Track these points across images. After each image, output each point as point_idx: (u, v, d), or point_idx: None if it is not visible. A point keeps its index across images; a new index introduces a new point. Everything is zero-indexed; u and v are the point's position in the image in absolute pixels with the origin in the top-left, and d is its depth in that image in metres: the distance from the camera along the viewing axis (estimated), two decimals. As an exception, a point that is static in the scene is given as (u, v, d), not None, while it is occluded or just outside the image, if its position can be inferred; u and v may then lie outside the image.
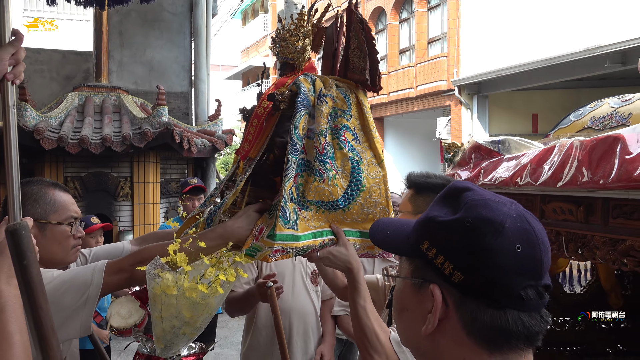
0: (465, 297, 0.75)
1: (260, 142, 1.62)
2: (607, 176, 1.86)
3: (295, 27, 1.67)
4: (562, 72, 11.23)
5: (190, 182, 4.24)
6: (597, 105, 2.50)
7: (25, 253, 0.82)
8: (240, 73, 30.01)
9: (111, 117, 6.57)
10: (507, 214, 0.75)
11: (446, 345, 0.77)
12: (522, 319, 0.74)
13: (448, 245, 0.76)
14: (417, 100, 15.89)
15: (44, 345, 0.82)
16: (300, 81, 1.57)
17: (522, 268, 0.73)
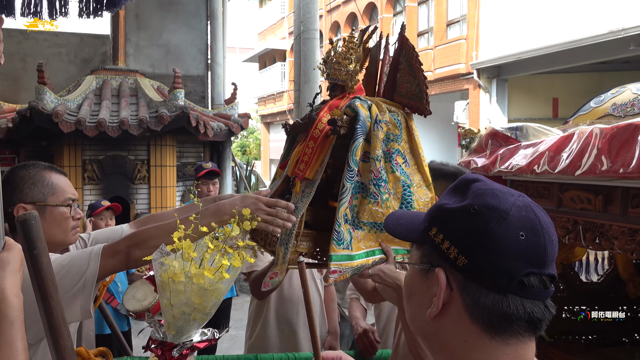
0: (469, 281, 0.77)
1: (316, 163, 1.68)
2: (627, 165, 1.82)
3: (347, 50, 1.73)
4: (584, 55, 10.97)
5: (205, 166, 4.23)
6: (619, 91, 2.43)
7: (36, 243, 0.82)
8: (257, 56, 29.90)
9: (128, 100, 6.61)
10: (512, 203, 0.77)
11: (450, 328, 0.79)
12: (523, 305, 0.75)
13: (454, 231, 0.79)
14: (435, 84, 15.68)
15: (55, 334, 0.83)
16: (357, 107, 1.64)
17: (525, 255, 0.75)
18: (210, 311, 1.45)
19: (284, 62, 26.61)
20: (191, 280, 1.39)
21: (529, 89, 13.93)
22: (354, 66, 1.72)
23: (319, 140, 1.68)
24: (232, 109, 7.33)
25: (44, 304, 0.83)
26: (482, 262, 0.75)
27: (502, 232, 0.75)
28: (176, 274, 1.39)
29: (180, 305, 1.41)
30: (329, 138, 1.67)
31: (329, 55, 1.78)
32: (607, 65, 12.68)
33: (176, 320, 1.43)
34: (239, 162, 9.18)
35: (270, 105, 28.60)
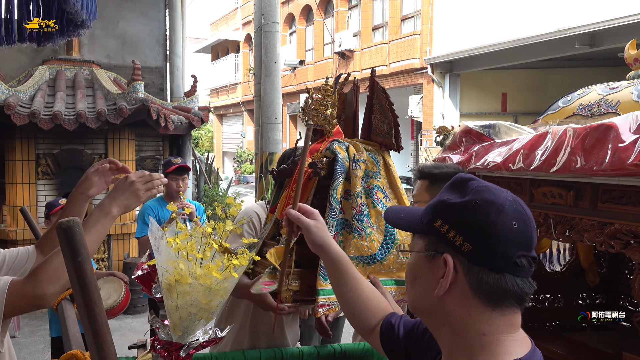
0: (472, 264, 0.91)
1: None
2: (600, 163, 1.94)
3: (323, 97, 1.85)
4: (532, 52, 11.42)
5: (174, 161, 4.14)
6: (585, 92, 2.58)
7: (80, 249, 0.82)
8: (209, 46, 29.41)
9: (84, 92, 6.39)
10: (505, 198, 0.92)
11: (455, 304, 0.93)
12: (516, 282, 0.90)
13: (459, 222, 0.92)
14: (390, 78, 15.94)
15: (99, 340, 0.83)
16: (335, 148, 1.78)
17: (518, 241, 0.90)
18: (216, 310, 1.47)
19: (237, 53, 26.30)
20: (198, 280, 1.40)
21: (480, 84, 14.38)
22: (331, 111, 1.84)
23: (302, 183, 1.74)
24: (192, 101, 7.21)
25: (88, 311, 0.83)
26: (484, 248, 0.90)
27: (501, 222, 0.89)
28: (183, 276, 1.39)
29: (187, 306, 1.41)
30: (312, 180, 1.78)
31: (307, 103, 1.91)
32: (553, 63, 13.25)
33: (183, 321, 1.43)
34: (198, 156, 9.06)
35: (223, 97, 28.23)
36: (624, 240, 2.01)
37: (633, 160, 1.81)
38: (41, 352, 5.04)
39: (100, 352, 0.84)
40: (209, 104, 28.88)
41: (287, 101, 20.28)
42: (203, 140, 29.74)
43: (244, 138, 26.30)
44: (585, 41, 10.08)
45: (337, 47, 17.72)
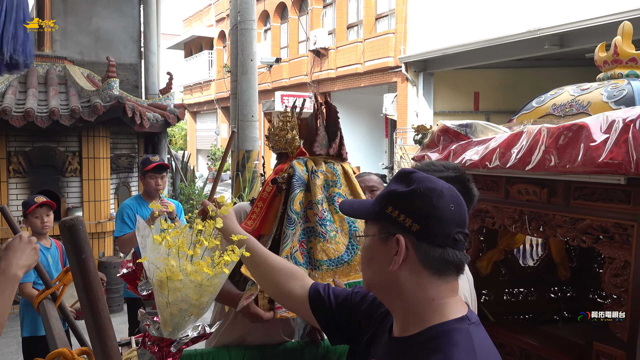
0: (420, 241, 1.07)
1: (269, 220, 1.96)
2: (573, 161, 2.03)
3: (283, 122, 2.04)
4: (503, 52, 11.65)
5: (152, 159, 4.09)
6: (558, 92, 2.67)
7: (83, 247, 0.84)
8: (182, 43, 29.08)
9: (57, 89, 6.27)
10: (443, 185, 1.11)
11: (407, 277, 1.09)
12: (456, 254, 1.08)
13: (407, 207, 1.09)
14: (365, 76, 16.04)
15: (102, 336, 0.85)
16: (294, 165, 1.95)
17: (455, 220, 1.08)
18: (206, 306, 1.49)
19: (211, 50, 26.07)
20: (188, 277, 1.42)
21: (453, 83, 14.59)
22: (292, 135, 2.03)
23: (268, 200, 1.97)
24: (168, 99, 7.16)
25: (92, 307, 0.85)
26: (429, 227, 1.07)
27: (441, 205, 1.07)
28: (174, 273, 1.41)
29: (177, 302, 1.43)
30: (278, 196, 1.96)
31: (270, 130, 2.12)
32: (523, 62, 13.54)
33: (173, 317, 1.45)
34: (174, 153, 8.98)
35: (197, 94, 27.96)
36: (594, 235, 2.10)
37: (604, 159, 1.91)
38: (14, 353, 4.94)
39: (103, 347, 0.86)
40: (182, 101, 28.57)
41: (262, 99, 20.22)
42: (176, 138, 29.43)
43: (218, 136, 26.11)
44: (554, 42, 10.34)
45: (312, 45, 17.74)
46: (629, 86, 2.33)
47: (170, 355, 1.45)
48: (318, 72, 18.01)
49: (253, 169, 7.51)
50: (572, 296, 3.26)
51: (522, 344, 2.53)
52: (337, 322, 1.41)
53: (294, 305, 1.54)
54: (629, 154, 1.84)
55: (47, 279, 2.24)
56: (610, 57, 2.61)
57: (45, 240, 3.70)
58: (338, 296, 1.42)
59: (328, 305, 1.41)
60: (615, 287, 2.00)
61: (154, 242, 1.50)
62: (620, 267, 1.98)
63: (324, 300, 1.42)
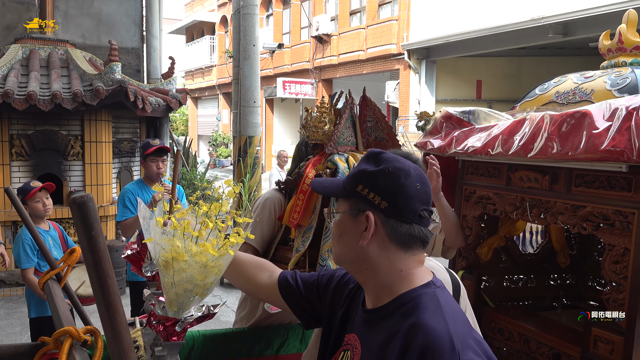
0: (388, 218, 1.13)
1: (308, 212, 2.04)
2: (575, 148, 2.04)
3: (321, 114, 2.12)
4: (507, 40, 11.60)
5: (153, 143, 4.10)
6: (561, 80, 2.67)
7: (93, 224, 0.85)
8: (184, 27, 28.92)
9: (59, 72, 6.26)
10: (410, 165, 1.16)
11: (376, 251, 1.15)
12: (421, 230, 1.15)
13: (376, 185, 1.14)
14: (367, 63, 15.97)
15: (112, 311, 0.87)
16: (336, 161, 2.03)
17: (421, 198, 1.14)
18: (211, 287, 1.51)
19: (213, 35, 25.93)
20: (193, 258, 1.44)
21: (455, 71, 14.54)
22: (329, 127, 2.11)
23: (307, 192, 2.05)
24: (170, 83, 7.14)
25: (101, 283, 0.87)
26: (397, 204, 1.13)
27: (409, 183, 1.13)
28: (179, 253, 1.43)
29: (182, 282, 1.45)
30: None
31: (307, 120, 2.19)
32: (526, 51, 13.48)
33: (178, 297, 1.47)
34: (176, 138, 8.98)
35: (198, 80, 27.87)
36: (595, 223, 2.12)
37: (606, 146, 1.91)
38: (18, 334, 5.00)
39: (113, 323, 0.88)
40: (184, 86, 28.49)
41: (264, 85, 20.16)
42: (177, 123, 29.39)
43: (219, 121, 26.07)
44: (558, 30, 10.29)
45: (314, 31, 17.64)
46: (633, 74, 2.33)
47: (174, 334, 1.47)
48: (320, 59, 17.93)
49: (255, 154, 7.52)
50: (572, 283, 3.28)
51: (521, 330, 2.56)
52: (307, 306, 1.46)
53: (265, 295, 1.59)
54: (631, 141, 1.85)
55: (52, 260, 2.26)
56: (614, 45, 2.61)
57: (43, 223, 3.73)
58: (306, 281, 1.47)
59: (297, 290, 1.47)
60: (615, 274, 2.02)
61: (156, 224, 1.52)
62: (620, 254, 2.00)
63: (293, 287, 1.48)
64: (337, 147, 2.16)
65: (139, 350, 1.83)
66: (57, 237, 3.81)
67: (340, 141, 2.18)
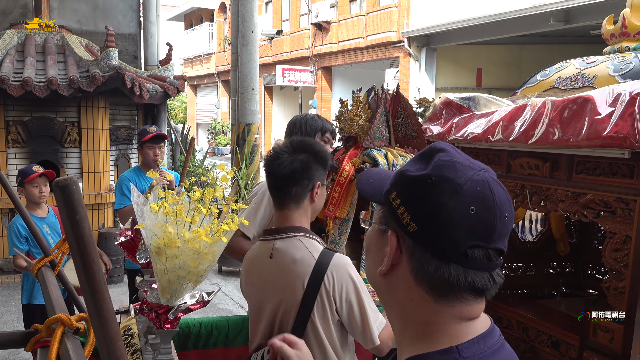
0: (416, 246, 0.80)
1: (345, 204, 2.07)
2: (577, 134, 2.00)
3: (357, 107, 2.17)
4: (507, 28, 11.49)
5: (150, 129, 4.06)
6: (563, 66, 2.63)
7: (77, 208, 0.81)
8: (182, 14, 28.69)
9: (55, 58, 6.19)
10: (469, 178, 0.78)
11: (398, 287, 0.84)
12: (465, 274, 0.77)
13: (410, 198, 0.81)
14: (367, 51, 15.86)
15: (98, 299, 0.84)
16: (376, 156, 2.08)
17: (473, 228, 0.76)
18: (204, 274, 1.48)
19: (212, 22, 25.74)
20: (186, 244, 1.41)
21: (456, 59, 14.43)
22: (364, 121, 2.15)
23: (345, 185, 2.07)
24: (168, 70, 7.07)
25: (86, 269, 0.84)
26: (430, 231, 0.78)
27: (454, 204, 0.76)
28: (172, 240, 1.40)
29: (175, 269, 1.43)
30: (353, 182, 2.06)
31: (342, 112, 2.22)
32: (527, 39, 13.36)
33: (171, 285, 1.45)
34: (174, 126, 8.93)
35: (197, 67, 27.71)
36: (596, 210, 2.09)
37: (609, 132, 1.88)
38: (15, 321, 4.99)
39: (99, 310, 0.85)
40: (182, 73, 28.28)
41: (263, 72, 20.04)
42: (176, 111, 29.25)
43: (218, 109, 25.96)
44: (560, 18, 10.18)
45: (313, 18, 17.49)
46: (637, 59, 2.28)
47: (167, 322, 1.45)
48: (320, 46, 17.80)
49: (253, 142, 7.47)
50: (571, 272, 3.26)
51: (520, 318, 2.54)
52: None
53: None
54: (634, 127, 1.82)
55: (46, 247, 2.23)
56: (617, 30, 2.56)
57: (40, 210, 3.69)
58: None
59: None
60: (616, 262, 1.99)
61: (151, 210, 1.49)
62: (621, 241, 1.97)
63: None
64: (373, 141, 2.21)
65: (132, 338, 1.81)
66: (57, 223, 3.78)
67: (375, 136, 2.22)
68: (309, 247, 1.65)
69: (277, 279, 1.65)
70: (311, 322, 1.62)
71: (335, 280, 1.60)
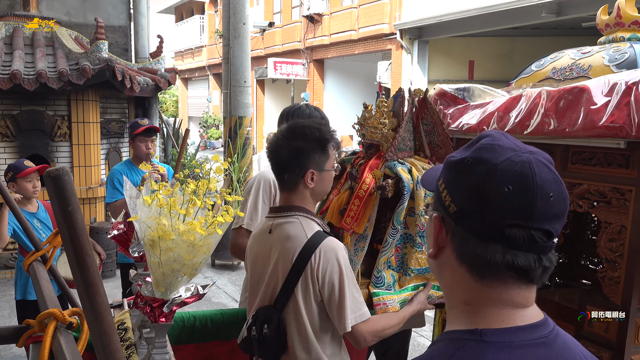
0: (457, 227, 0.83)
1: (364, 219, 1.99)
2: (572, 125, 1.99)
3: (381, 114, 2.04)
4: (499, 20, 11.49)
5: (141, 122, 4.01)
6: (558, 56, 2.62)
7: (70, 199, 0.79)
8: (173, 7, 28.44)
9: (44, 50, 6.11)
10: (507, 158, 0.80)
11: (445, 269, 0.87)
12: (504, 253, 0.78)
13: (450, 181, 0.84)
14: (359, 43, 15.81)
15: (92, 292, 0.82)
16: (399, 172, 1.97)
17: (509, 207, 0.78)
18: (199, 267, 1.46)
19: (203, 14, 25.54)
20: (181, 237, 1.39)
21: (448, 51, 14.42)
22: (388, 130, 2.03)
23: (364, 198, 1.98)
24: (159, 63, 7.00)
25: (79, 262, 0.81)
26: (468, 211, 0.81)
27: (489, 183, 0.78)
28: (166, 232, 1.38)
29: (170, 262, 1.41)
30: (373, 195, 1.98)
31: (365, 118, 2.09)
32: (519, 31, 13.37)
33: (166, 278, 1.43)
34: (166, 119, 8.86)
35: (188, 60, 27.52)
36: (591, 200, 2.09)
37: (604, 122, 1.87)
38: (7, 317, 4.95)
39: (93, 304, 0.83)
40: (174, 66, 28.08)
41: (255, 65, 19.93)
42: (167, 104, 29.07)
43: (210, 103, 25.82)
44: (551, 10, 10.19)
45: (305, 11, 17.40)
46: (632, 49, 2.28)
47: (162, 316, 1.43)
48: (312, 39, 17.72)
49: (245, 135, 7.43)
50: (565, 262, 3.27)
51: (514, 309, 2.54)
52: None
53: None
54: (630, 117, 1.81)
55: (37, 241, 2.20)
56: (612, 20, 2.55)
57: (30, 205, 3.65)
58: None
59: None
60: (611, 252, 1.99)
61: (144, 203, 1.47)
62: (616, 232, 1.97)
63: None
64: (397, 153, 2.07)
65: (126, 332, 1.79)
66: (48, 218, 3.74)
67: (400, 147, 2.09)
68: (305, 226, 1.72)
69: (274, 253, 1.73)
70: (293, 297, 1.68)
71: (322, 260, 1.66)
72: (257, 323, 1.68)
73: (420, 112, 2.21)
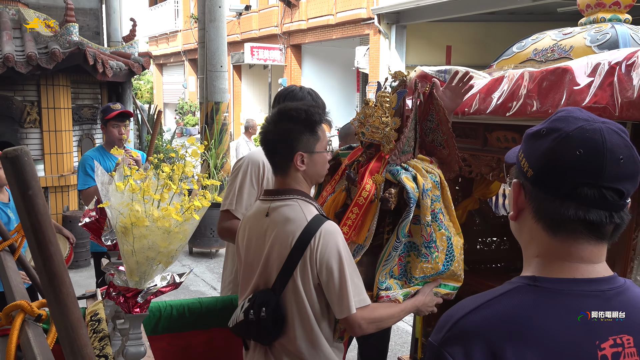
0: (534, 189, 0.95)
1: (364, 228, 1.87)
2: (555, 106, 1.97)
3: (383, 112, 1.90)
4: (476, 4, 11.51)
5: (114, 107, 3.89)
6: (539, 37, 2.59)
7: (30, 182, 0.72)
8: (146, -10, 27.81)
9: (11, 33, 5.87)
10: (579, 126, 0.90)
11: (524, 228, 1.00)
12: (577, 209, 0.90)
13: (527, 149, 0.97)
14: (337, 28, 15.68)
15: (56, 282, 0.75)
16: (404, 181, 1.84)
17: (580, 168, 0.89)
18: (176, 254, 1.40)
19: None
20: (155, 223, 1.33)
21: (426, 36, 14.41)
22: (390, 129, 1.91)
23: (364, 206, 1.86)
24: (132, 47, 6.81)
25: (42, 251, 0.75)
26: (544, 173, 0.92)
27: (560, 147, 0.90)
28: (139, 219, 1.31)
29: (144, 250, 1.34)
30: (374, 203, 1.87)
31: (366, 115, 1.96)
32: (496, 16, 13.42)
33: (140, 266, 1.36)
34: (140, 105, 8.66)
35: (163, 46, 26.99)
36: (573, 183, 2.08)
37: (588, 103, 1.85)
38: (-23, 309, 4.80)
39: (57, 295, 0.77)
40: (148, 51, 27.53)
41: (231, 51, 19.64)
42: (142, 91, 28.52)
43: (185, 89, 25.42)
44: (528, -6, 10.24)
45: (282, -5, 17.18)
46: (613, 30, 2.26)
47: (137, 306, 1.37)
48: (289, 23, 17.52)
49: (222, 121, 7.31)
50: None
51: (495, 292, 2.54)
52: None
53: None
54: (613, 97, 1.79)
55: (4, 231, 2.11)
56: (593, 0, 2.53)
57: (2, 194, 3.52)
58: None
59: None
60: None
61: (116, 189, 1.39)
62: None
63: None
64: (401, 156, 1.94)
65: (100, 323, 1.72)
66: None
67: (404, 149, 1.96)
68: (304, 209, 1.71)
69: (269, 236, 1.72)
70: (292, 280, 1.68)
71: (321, 244, 1.64)
72: (255, 306, 1.66)
73: (426, 108, 2.07)
